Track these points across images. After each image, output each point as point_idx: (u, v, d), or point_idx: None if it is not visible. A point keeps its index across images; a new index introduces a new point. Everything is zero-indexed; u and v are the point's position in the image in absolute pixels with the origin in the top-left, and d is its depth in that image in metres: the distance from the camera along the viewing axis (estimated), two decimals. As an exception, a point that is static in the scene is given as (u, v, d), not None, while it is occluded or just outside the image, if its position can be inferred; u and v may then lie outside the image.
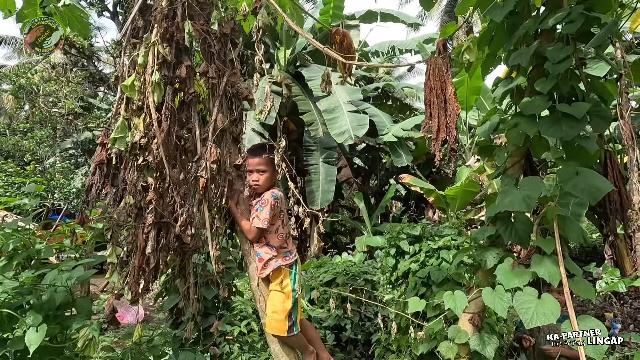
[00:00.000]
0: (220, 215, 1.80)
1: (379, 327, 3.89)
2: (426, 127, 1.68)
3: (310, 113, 7.95)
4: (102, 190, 1.66)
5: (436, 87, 1.66)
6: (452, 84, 1.71)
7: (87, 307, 1.60)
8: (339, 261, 5.10)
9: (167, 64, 1.64)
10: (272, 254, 1.96)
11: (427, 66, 1.75)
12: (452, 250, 3.26)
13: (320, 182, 8.20)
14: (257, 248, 1.95)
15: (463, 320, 2.27)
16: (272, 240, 1.97)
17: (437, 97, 1.65)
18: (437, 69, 1.69)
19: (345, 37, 2.80)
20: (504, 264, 1.90)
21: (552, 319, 1.64)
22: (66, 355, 1.56)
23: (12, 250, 1.73)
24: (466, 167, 7.46)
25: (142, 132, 1.55)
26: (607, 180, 1.73)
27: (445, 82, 1.67)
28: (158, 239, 1.57)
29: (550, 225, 1.80)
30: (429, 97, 1.67)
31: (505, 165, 2.19)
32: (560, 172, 1.81)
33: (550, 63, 1.79)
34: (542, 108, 1.84)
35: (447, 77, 1.68)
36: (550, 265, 1.71)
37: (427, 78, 1.70)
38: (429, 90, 1.67)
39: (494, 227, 2.13)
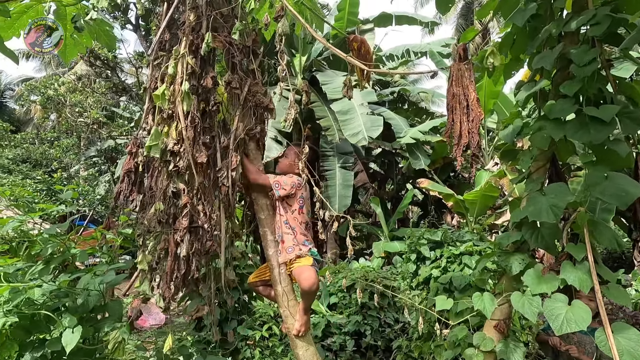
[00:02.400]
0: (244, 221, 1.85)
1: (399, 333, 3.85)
2: (448, 132, 1.68)
3: (327, 118, 8.00)
4: (129, 197, 1.72)
5: (459, 93, 1.67)
6: (475, 90, 1.71)
7: (118, 310, 1.66)
8: (357, 267, 5.08)
9: (194, 74, 1.70)
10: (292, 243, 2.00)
11: (450, 72, 1.75)
12: (474, 255, 3.21)
13: (337, 187, 8.20)
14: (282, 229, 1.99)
15: (488, 327, 2.24)
16: (291, 222, 2.02)
17: (459, 102, 1.65)
18: (460, 75, 1.69)
19: (363, 44, 2.82)
20: (533, 270, 1.86)
21: (582, 326, 1.60)
22: (98, 356, 1.62)
23: (49, 255, 1.81)
24: (485, 171, 7.34)
25: (174, 139, 1.61)
26: (638, 184, 1.69)
27: (468, 88, 1.67)
28: (190, 243, 1.62)
29: (580, 231, 1.76)
30: (451, 103, 1.67)
31: (529, 169, 2.16)
32: (588, 176, 1.77)
33: (576, 66, 1.76)
34: (568, 111, 1.81)
35: (470, 83, 1.68)
36: (581, 271, 1.67)
37: (450, 84, 1.70)
38: (451, 97, 1.68)
39: (519, 233, 2.09)
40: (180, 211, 1.63)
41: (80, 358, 1.64)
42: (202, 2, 1.77)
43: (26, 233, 1.95)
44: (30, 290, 1.44)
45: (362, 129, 7.39)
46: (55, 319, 1.47)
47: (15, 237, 2.06)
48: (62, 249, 1.98)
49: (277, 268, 2.03)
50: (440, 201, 8.37)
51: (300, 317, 2.03)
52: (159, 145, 1.61)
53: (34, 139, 15.26)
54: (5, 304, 1.38)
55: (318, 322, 4.05)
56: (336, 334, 3.97)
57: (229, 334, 2.48)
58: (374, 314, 4.12)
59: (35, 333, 1.53)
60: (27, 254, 2.03)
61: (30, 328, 1.50)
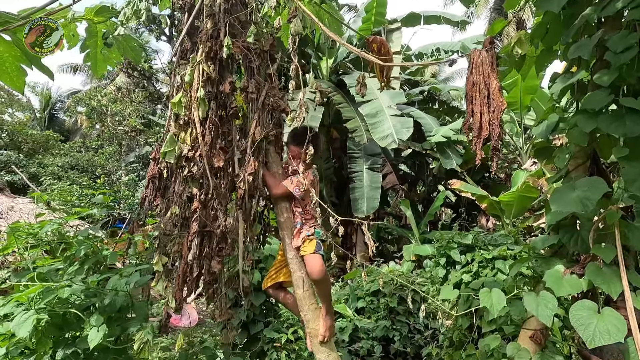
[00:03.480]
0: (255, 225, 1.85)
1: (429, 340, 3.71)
2: (467, 124, 1.58)
3: (354, 120, 7.94)
4: (154, 202, 1.77)
5: (479, 81, 1.57)
6: (496, 78, 1.60)
7: (144, 311, 1.72)
8: (386, 270, 4.97)
9: (211, 80, 1.73)
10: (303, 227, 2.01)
11: (470, 60, 1.66)
12: (508, 260, 3.03)
13: (365, 189, 8.10)
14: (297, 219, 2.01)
15: (523, 337, 2.09)
16: (305, 212, 2.03)
17: (479, 92, 1.55)
18: (481, 62, 1.59)
19: (383, 45, 2.76)
20: (555, 270, 1.73)
21: (618, 337, 1.44)
22: (127, 355, 1.68)
23: (83, 256, 1.90)
24: (522, 171, 6.96)
25: (189, 145, 1.65)
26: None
27: (489, 76, 1.57)
28: (201, 247, 1.65)
29: (611, 231, 1.61)
30: (470, 92, 1.57)
31: (566, 167, 2.01)
32: (624, 172, 1.62)
33: (612, 53, 1.61)
34: (602, 102, 1.66)
35: (491, 71, 1.58)
36: (609, 275, 1.53)
37: (470, 72, 1.61)
38: (471, 85, 1.58)
39: (556, 236, 1.95)
40: (191, 215, 1.65)
41: (109, 356, 1.71)
42: (219, 9, 1.80)
43: (62, 235, 2.06)
44: (60, 289, 1.52)
45: (391, 132, 7.25)
46: (84, 318, 1.54)
47: (54, 239, 2.19)
48: (95, 250, 2.08)
49: (298, 272, 2.01)
50: (474, 203, 8.03)
51: (324, 321, 1.99)
52: (175, 151, 1.65)
53: (80, 147, 16.35)
54: (36, 302, 1.46)
55: (345, 326, 3.99)
56: (364, 339, 3.89)
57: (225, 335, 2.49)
58: (403, 319, 4.00)
59: (68, 330, 1.61)
60: (64, 255, 2.15)
61: (63, 325, 1.58)
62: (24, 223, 2.01)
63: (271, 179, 1.96)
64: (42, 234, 1.89)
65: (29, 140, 14.96)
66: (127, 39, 2.74)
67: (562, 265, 1.81)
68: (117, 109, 11.38)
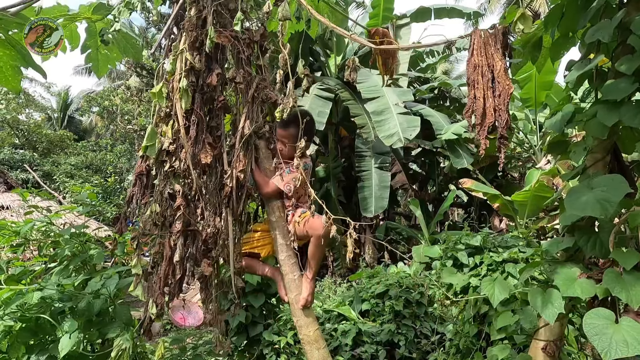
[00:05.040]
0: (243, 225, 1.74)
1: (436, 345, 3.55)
2: (469, 111, 1.43)
3: (362, 117, 7.79)
4: (142, 200, 1.68)
5: (482, 63, 1.41)
6: (502, 60, 1.44)
7: (125, 315, 1.62)
8: (393, 272, 4.82)
9: (195, 71, 1.62)
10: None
11: (471, 40, 1.51)
12: (520, 263, 2.85)
13: (374, 188, 7.95)
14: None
15: (535, 348, 1.93)
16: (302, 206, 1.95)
17: (482, 75, 1.40)
18: (483, 43, 1.44)
19: (386, 37, 2.63)
20: (570, 270, 1.58)
21: (637, 350, 1.29)
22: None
23: (65, 256, 1.83)
24: (536, 170, 6.70)
25: (170, 138, 1.55)
26: None
27: (492, 57, 1.41)
28: (185, 247, 1.54)
29: (634, 234, 1.44)
30: (472, 75, 1.42)
31: (584, 163, 1.83)
32: None
33: (636, 36, 1.44)
34: (625, 92, 1.49)
35: (495, 52, 1.42)
36: (630, 282, 1.37)
37: (471, 54, 1.46)
38: (472, 68, 1.43)
39: (572, 238, 1.78)
40: (174, 214, 1.55)
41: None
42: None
43: (47, 233, 1.99)
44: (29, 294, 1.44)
45: (397, 130, 7.07)
46: (55, 324, 1.46)
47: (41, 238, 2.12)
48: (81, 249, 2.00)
49: (291, 274, 1.89)
50: (486, 203, 7.79)
51: (310, 285, 1.88)
52: (156, 145, 1.55)
53: (93, 146, 16.60)
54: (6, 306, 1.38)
55: (349, 329, 3.86)
56: (367, 343, 3.75)
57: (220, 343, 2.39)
58: (409, 323, 3.84)
59: (43, 335, 1.53)
60: (50, 254, 2.07)
61: (37, 330, 1.50)
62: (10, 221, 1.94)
63: (261, 177, 1.85)
64: (23, 232, 1.82)
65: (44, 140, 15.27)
66: (125, 36, 2.67)
67: (578, 269, 1.65)
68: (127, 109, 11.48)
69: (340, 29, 1.67)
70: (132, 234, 1.61)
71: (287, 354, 3.34)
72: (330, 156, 8.93)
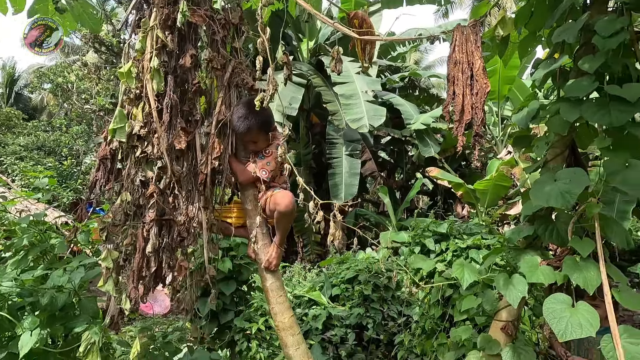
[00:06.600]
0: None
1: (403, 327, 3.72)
2: (447, 107, 1.48)
3: (334, 103, 7.79)
4: (105, 186, 1.59)
5: (462, 60, 1.46)
6: (481, 58, 1.49)
7: (92, 308, 1.55)
8: (362, 257, 4.94)
9: (167, 50, 1.54)
10: None
11: (452, 37, 1.54)
12: (482, 249, 3.03)
13: (344, 175, 8.03)
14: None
15: (495, 328, 2.07)
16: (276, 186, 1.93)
17: (462, 72, 1.44)
18: (465, 39, 1.48)
19: (365, 21, 2.62)
20: (533, 258, 1.71)
21: (590, 332, 1.43)
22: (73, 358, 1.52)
23: (23, 246, 1.71)
24: (497, 160, 7.06)
25: (141, 122, 1.47)
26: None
27: (472, 54, 1.46)
28: (160, 238, 1.49)
29: (590, 225, 1.57)
30: (452, 72, 1.46)
31: (545, 157, 1.95)
32: (607, 164, 1.58)
33: (600, 37, 1.54)
34: (586, 90, 1.60)
35: (475, 49, 1.47)
36: (586, 269, 1.50)
37: (452, 50, 1.49)
38: (453, 65, 1.47)
39: (532, 227, 1.90)
40: (147, 202, 1.49)
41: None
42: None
43: (1, 221, 1.85)
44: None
45: (364, 116, 7.16)
46: (15, 322, 1.37)
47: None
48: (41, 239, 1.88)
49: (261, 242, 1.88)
50: (451, 191, 8.12)
51: (276, 249, 1.90)
52: (125, 129, 1.47)
53: (46, 127, 15.40)
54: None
55: (319, 314, 3.94)
56: (337, 327, 3.86)
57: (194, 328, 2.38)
58: (377, 306, 3.99)
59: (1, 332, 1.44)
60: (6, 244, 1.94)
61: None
62: (-44, 208, 1.78)
63: (238, 165, 1.81)
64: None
65: (-13, 118, 13.97)
66: (83, 4, 2.46)
67: (539, 257, 1.78)
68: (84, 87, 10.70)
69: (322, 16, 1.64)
70: (100, 225, 1.53)
71: (258, 339, 3.36)
72: (301, 143, 8.90)
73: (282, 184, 1.98)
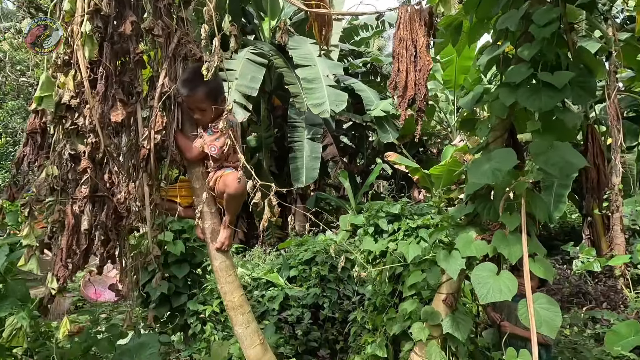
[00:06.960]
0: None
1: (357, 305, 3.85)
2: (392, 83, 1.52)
3: (296, 85, 7.69)
4: (35, 162, 1.46)
5: (406, 37, 1.49)
6: (424, 36, 1.54)
7: (20, 292, 1.44)
8: (321, 239, 5.02)
9: (103, 16, 1.42)
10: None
11: (398, 14, 1.57)
12: (431, 229, 3.18)
13: (305, 159, 8.04)
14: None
15: (437, 301, 2.21)
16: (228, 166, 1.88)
17: (406, 49, 1.48)
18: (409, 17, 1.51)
19: (322, 2, 2.60)
20: (467, 235, 1.85)
21: (507, 296, 1.60)
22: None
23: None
24: (451, 147, 7.39)
25: (71, 91, 1.36)
26: (582, 156, 1.64)
27: (417, 32, 1.50)
28: (93, 215, 1.41)
29: (519, 202, 1.71)
30: (397, 49, 1.50)
31: (487, 139, 2.07)
32: (533, 145, 1.72)
33: (536, 26, 1.63)
34: (522, 76, 1.71)
35: (419, 27, 1.51)
36: (512, 241, 1.65)
37: (397, 27, 1.52)
38: (398, 42, 1.50)
39: (472, 205, 2.03)
40: (79, 177, 1.39)
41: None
42: None
43: None
44: None
45: (326, 101, 7.16)
46: None
47: None
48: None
49: (210, 221, 1.85)
50: (408, 176, 8.41)
51: (226, 230, 1.89)
52: (53, 97, 1.35)
53: (-24, 101, 13.85)
54: None
55: (276, 295, 3.98)
56: (294, 307, 3.92)
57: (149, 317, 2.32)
58: (334, 286, 4.09)
59: None
60: None
61: None
62: None
63: (184, 141, 1.74)
64: None
65: None
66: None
67: (475, 232, 1.90)
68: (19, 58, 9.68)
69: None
70: (22, 201, 1.40)
71: (213, 322, 3.34)
72: (263, 125, 8.74)
73: (234, 163, 1.93)
